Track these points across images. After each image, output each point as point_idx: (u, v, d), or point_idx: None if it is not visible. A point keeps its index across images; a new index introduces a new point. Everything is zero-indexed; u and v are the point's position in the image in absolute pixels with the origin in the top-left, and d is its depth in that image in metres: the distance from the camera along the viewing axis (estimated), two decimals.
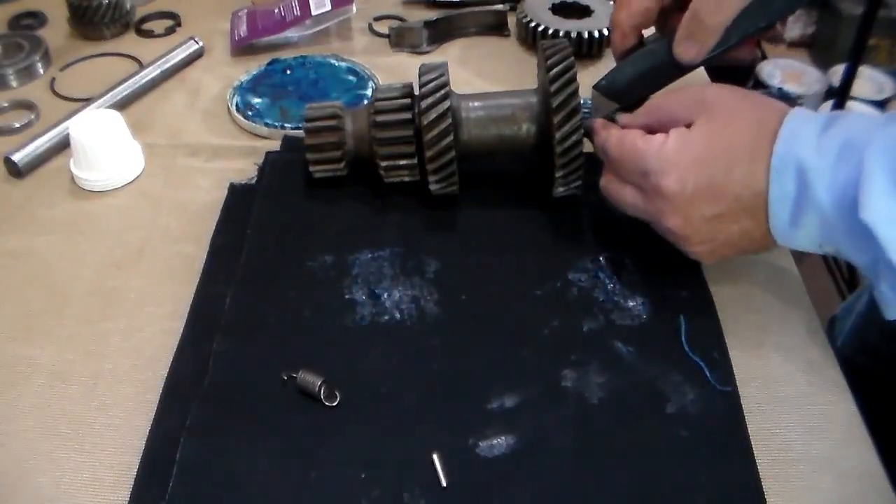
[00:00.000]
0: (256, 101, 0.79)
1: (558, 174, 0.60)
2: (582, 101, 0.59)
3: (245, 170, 0.70)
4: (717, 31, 0.57)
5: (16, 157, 0.71)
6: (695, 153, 0.52)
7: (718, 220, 0.52)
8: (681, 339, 0.54)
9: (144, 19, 0.94)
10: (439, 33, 0.90)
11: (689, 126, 0.53)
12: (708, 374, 0.52)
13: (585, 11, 0.87)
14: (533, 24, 0.85)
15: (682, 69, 0.60)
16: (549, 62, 0.59)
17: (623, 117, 0.59)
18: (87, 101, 0.79)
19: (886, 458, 0.49)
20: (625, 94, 0.62)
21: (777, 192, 0.49)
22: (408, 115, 0.61)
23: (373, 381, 0.52)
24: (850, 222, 0.46)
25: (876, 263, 0.47)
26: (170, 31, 0.92)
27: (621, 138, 0.56)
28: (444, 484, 0.46)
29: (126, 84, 0.80)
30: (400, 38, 0.88)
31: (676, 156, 0.52)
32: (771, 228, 0.51)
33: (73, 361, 0.56)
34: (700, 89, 0.55)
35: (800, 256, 0.62)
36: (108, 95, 0.79)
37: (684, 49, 0.58)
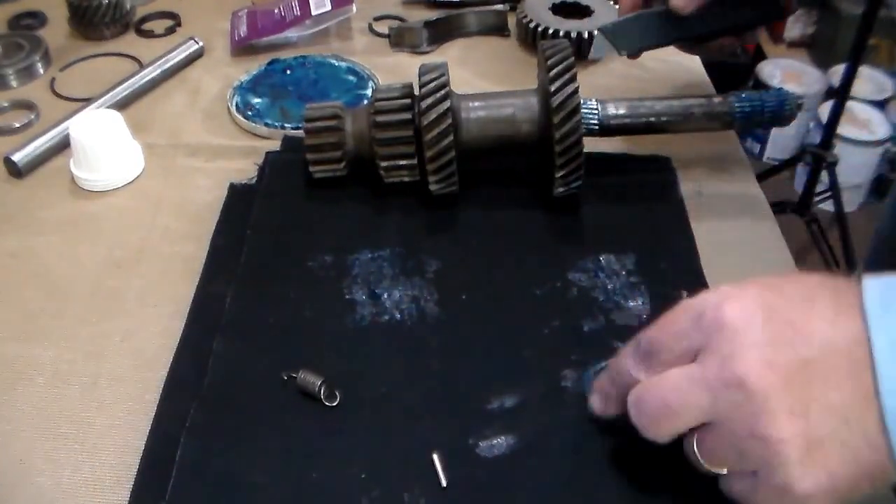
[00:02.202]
0: (256, 101, 0.79)
1: (558, 174, 0.60)
2: (582, 102, 0.59)
3: (245, 170, 0.70)
4: None
5: (16, 157, 0.71)
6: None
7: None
8: None
9: (144, 19, 0.94)
10: (439, 33, 0.90)
11: (692, 355, 0.40)
12: None
13: (585, 11, 0.87)
14: (533, 24, 0.85)
15: (679, 25, 0.65)
16: (549, 62, 0.59)
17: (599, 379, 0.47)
18: (87, 101, 0.79)
19: None
20: (624, 41, 0.67)
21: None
22: (408, 116, 0.61)
23: (373, 381, 0.52)
24: None
25: None
26: (170, 31, 0.92)
27: (642, 394, 0.41)
28: (444, 484, 0.46)
29: (126, 84, 0.80)
30: (400, 38, 0.88)
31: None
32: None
33: (73, 361, 0.56)
34: (700, 302, 0.40)
35: (799, 257, 0.61)
36: (108, 95, 0.79)
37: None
